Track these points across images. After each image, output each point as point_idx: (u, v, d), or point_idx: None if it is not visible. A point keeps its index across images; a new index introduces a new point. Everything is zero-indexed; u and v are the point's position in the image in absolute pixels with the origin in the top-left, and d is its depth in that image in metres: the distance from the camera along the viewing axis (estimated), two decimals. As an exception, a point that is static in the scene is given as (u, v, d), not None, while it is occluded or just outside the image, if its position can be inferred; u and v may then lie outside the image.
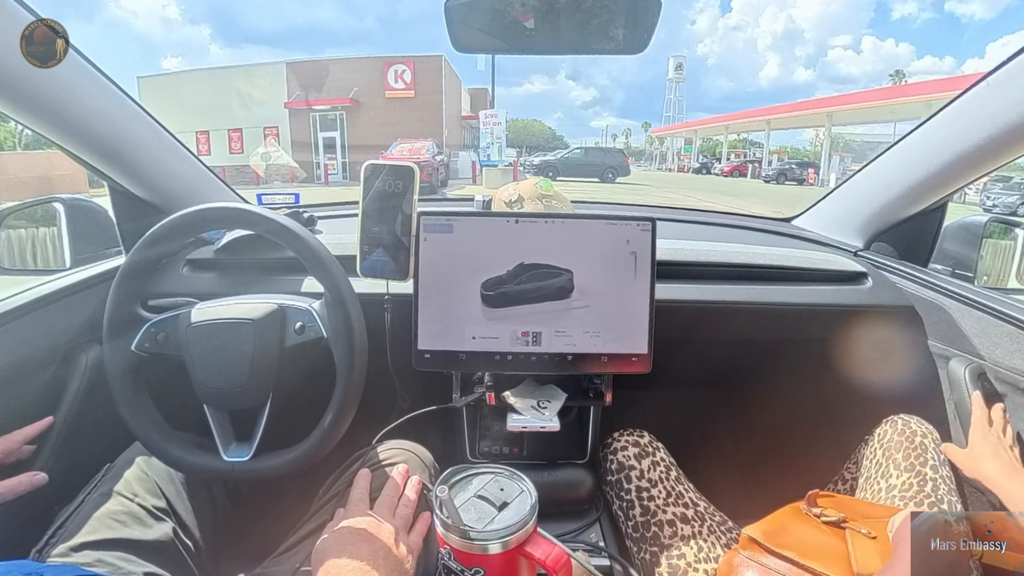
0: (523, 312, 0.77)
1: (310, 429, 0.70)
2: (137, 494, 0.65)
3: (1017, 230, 1.06)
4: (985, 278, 1.04)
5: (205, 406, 0.72)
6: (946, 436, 0.87)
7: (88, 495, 0.65)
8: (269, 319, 0.71)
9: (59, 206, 0.98)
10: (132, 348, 0.70)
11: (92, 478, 0.68)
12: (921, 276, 0.96)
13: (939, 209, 1.02)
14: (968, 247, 1.05)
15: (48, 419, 0.76)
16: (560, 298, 0.77)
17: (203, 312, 0.71)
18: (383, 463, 0.70)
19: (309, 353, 0.73)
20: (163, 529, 0.63)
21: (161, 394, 0.75)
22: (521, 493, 0.58)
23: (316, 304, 0.73)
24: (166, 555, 0.62)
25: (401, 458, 0.72)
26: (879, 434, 0.83)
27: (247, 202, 1.13)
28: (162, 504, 0.66)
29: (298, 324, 0.72)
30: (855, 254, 1.09)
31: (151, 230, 0.70)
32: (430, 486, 0.68)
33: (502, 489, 0.58)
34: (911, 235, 1.06)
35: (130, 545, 0.59)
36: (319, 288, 0.71)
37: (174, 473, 0.70)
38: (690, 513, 0.75)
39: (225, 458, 0.71)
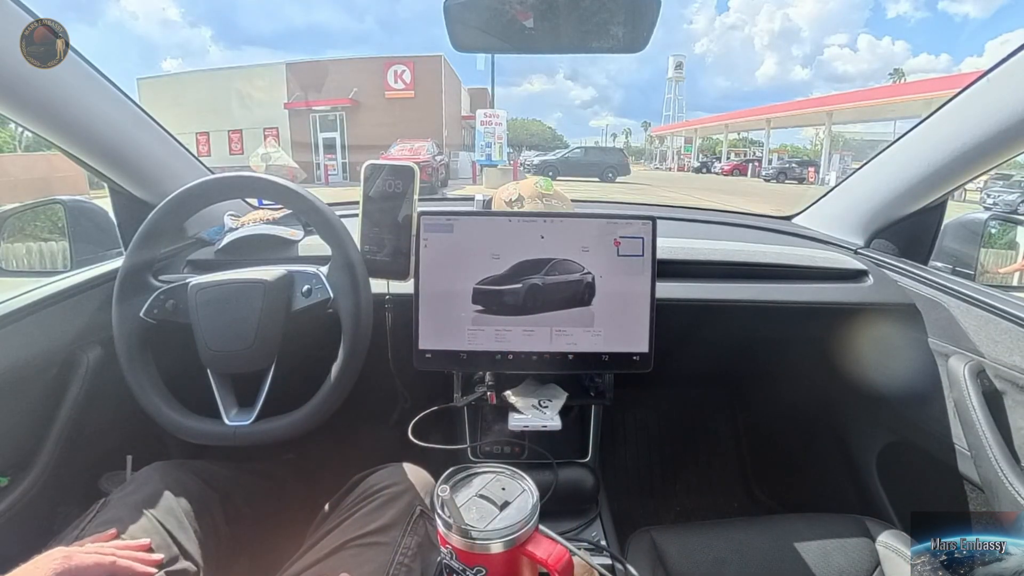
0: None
1: (311, 398, 0.71)
2: (127, 531, 0.63)
3: (1018, 227, 1.06)
4: (986, 275, 1.04)
5: (209, 372, 0.73)
6: (946, 434, 0.87)
7: (81, 531, 0.62)
8: (279, 282, 0.73)
9: (60, 208, 0.99)
10: (141, 315, 0.72)
11: (87, 510, 0.65)
12: (921, 274, 0.96)
13: (939, 207, 1.02)
14: (968, 244, 1.05)
15: None
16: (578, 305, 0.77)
17: (213, 277, 0.73)
18: (382, 489, 0.68)
19: (315, 318, 0.74)
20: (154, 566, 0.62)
21: (166, 370, 0.75)
22: (523, 492, 0.58)
23: (323, 268, 0.75)
24: None
25: (401, 486, 0.69)
26: None
27: (247, 203, 1.13)
28: (158, 539, 0.63)
29: (305, 287, 0.74)
30: (855, 252, 1.09)
31: (174, 193, 0.73)
32: (429, 512, 0.67)
33: (503, 488, 0.58)
34: (911, 232, 1.06)
35: None
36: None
37: (175, 504, 0.67)
38: None
39: (227, 422, 0.71)
